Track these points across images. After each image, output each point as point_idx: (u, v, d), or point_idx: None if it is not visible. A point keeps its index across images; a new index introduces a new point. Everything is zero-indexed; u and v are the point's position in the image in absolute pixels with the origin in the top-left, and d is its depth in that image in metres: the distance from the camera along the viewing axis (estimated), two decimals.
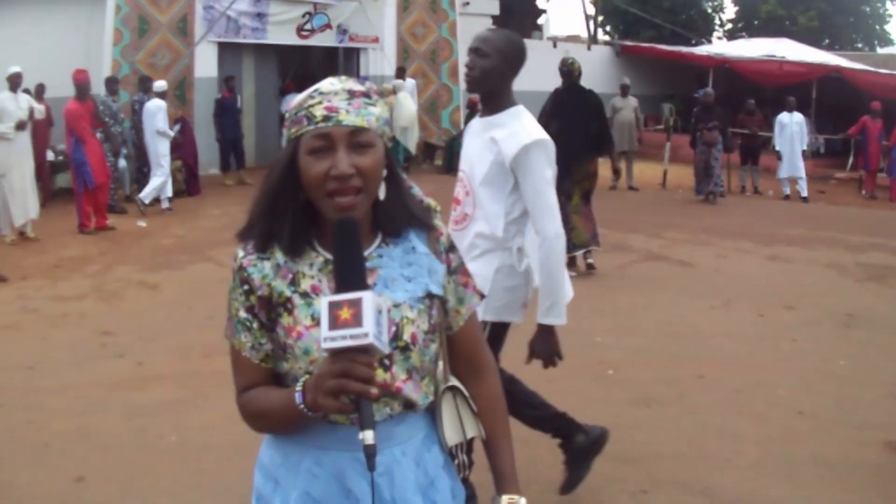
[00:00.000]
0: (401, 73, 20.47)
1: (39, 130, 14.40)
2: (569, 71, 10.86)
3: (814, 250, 12.58)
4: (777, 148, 19.12)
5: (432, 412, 2.31)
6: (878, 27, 40.91)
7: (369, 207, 2.14)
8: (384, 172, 2.13)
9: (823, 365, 7.38)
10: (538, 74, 19.86)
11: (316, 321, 2.06)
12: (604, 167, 20.90)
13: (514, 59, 4.21)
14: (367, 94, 2.11)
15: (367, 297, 1.83)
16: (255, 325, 2.17)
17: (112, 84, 15.53)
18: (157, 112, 14.81)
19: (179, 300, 9.41)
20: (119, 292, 9.82)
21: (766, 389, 6.74)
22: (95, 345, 7.87)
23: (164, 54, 18.14)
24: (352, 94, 2.08)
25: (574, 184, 10.26)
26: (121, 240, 12.79)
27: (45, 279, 10.40)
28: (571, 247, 9.87)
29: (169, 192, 15.26)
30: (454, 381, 2.34)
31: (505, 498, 2.28)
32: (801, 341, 8.03)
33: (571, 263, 10.28)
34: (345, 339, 1.81)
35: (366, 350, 1.84)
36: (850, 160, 23.42)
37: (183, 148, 16.25)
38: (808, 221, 15.53)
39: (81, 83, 13.17)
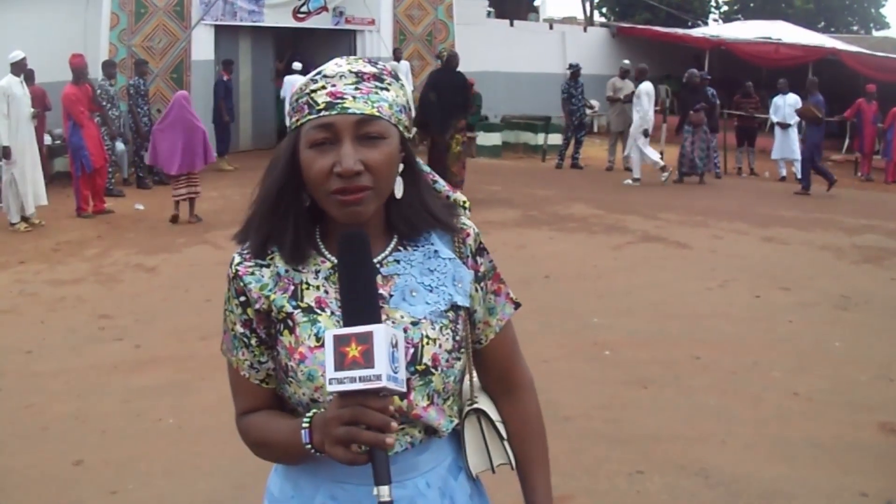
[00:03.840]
0: (397, 54, 20.49)
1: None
2: (447, 57, 14.75)
3: (810, 232, 12.58)
4: (775, 120, 19.07)
5: (458, 434, 2.07)
6: (873, 10, 40.93)
7: (382, 205, 1.88)
8: (400, 167, 1.87)
9: (818, 346, 7.40)
10: (534, 56, 20.01)
11: (321, 342, 1.78)
12: (600, 149, 21.04)
13: None
14: (378, 77, 1.83)
15: (378, 330, 1.58)
16: (253, 340, 1.92)
17: (110, 68, 15.49)
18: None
19: (177, 283, 9.42)
20: (117, 275, 9.83)
21: (762, 371, 6.77)
22: (93, 328, 7.88)
23: (161, 38, 18.07)
24: (360, 77, 1.80)
25: (451, 138, 13.57)
26: (118, 223, 12.78)
27: (43, 263, 10.40)
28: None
29: None
30: (480, 402, 2.07)
31: None
32: (796, 323, 8.05)
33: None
34: (354, 381, 1.57)
35: (379, 392, 1.60)
36: (846, 142, 23.44)
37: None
38: (803, 203, 15.54)
39: (78, 67, 13.16)
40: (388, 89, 1.82)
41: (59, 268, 10.18)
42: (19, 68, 12.27)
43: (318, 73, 1.83)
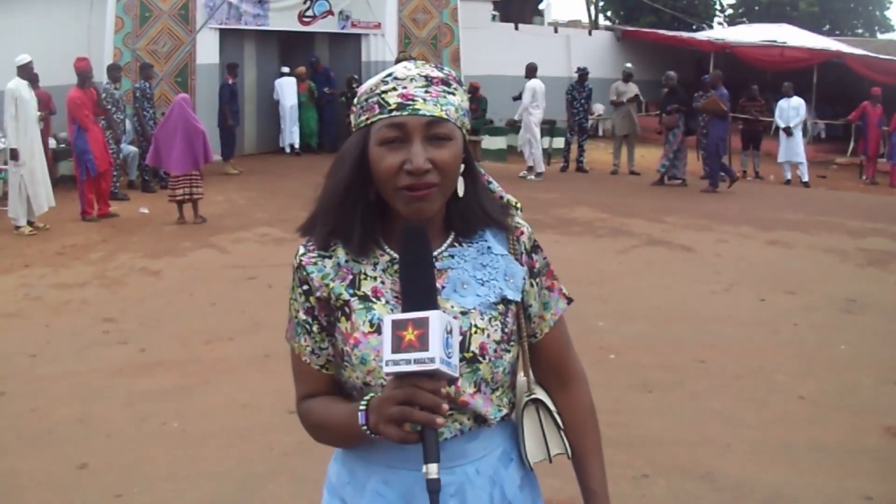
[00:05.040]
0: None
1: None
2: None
3: (814, 235, 12.57)
4: (781, 126, 19.09)
5: (513, 426, 2.14)
6: (878, 13, 40.80)
7: (443, 204, 1.96)
8: (462, 167, 1.95)
9: (823, 350, 7.39)
10: (539, 60, 19.96)
11: (375, 327, 1.92)
12: (604, 153, 21.03)
13: None
14: (446, 82, 1.92)
15: (434, 316, 1.66)
16: (314, 327, 2.02)
17: (114, 71, 15.51)
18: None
19: (181, 287, 9.42)
20: (121, 279, 9.83)
21: (767, 374, 6.76)
22: (98, 332, 7.88)
23: (166, 41, 18.11)
24: (429, 81, 1.90)
25: None
26: (123, 227, 12.79)
27: (48, 266, 10.41)
28: None
29: None
30: (538, 393, 2.14)
31: None
32: (801, 326, 8.04)
33: None
34: (409, 363, 1.65)
35: (432, 375, 1.68)
36: (851, 145, 23.41)
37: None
38: (808, 206, 15.51)
39: (83, 71, 13.18)
40: (454, 94, 1.92)
41: (63, 271, 10.19)
42: (26, 72, 12.30)
43: (389, 74, 1.91)
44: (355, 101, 1.97)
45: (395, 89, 1.87)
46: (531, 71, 18.53)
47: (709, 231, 12.79)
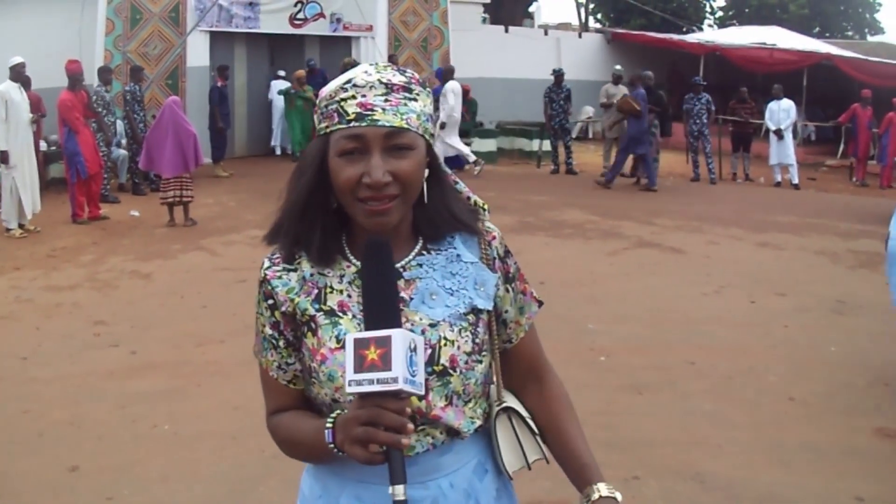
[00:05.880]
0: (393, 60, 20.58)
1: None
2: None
3: (805, 237, 12.60)
4: (771, 129, 19.14)
5: (486, 436, 2.09)
6: (868, 15, 40.97)
7: (407, 213, 1.92)
8: (426, 173, 1.91)
9: (814, 351, 7.41)
10: (529, 62, 20.03)
11: (341, 343, 1.85)
12: (595, 155, 21.06)
13: None
14: (407, 88, 1.86)
15: (396, 335, 1.63)
16: (280, 342, 1.98)
17: (105, 74, 15.46)
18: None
19: (172, 289, 9.41)
20: (112, 282, 9.81)
21: (758, 375, 6.78)
22: (89, 334, 7.87)
23: (157, 44, 18.08)
24: (390, 88, 1.83)
25: None
26: (114, 229, 12.76)
27: (38, 269, 10.38)
28: None
29: None
30: (508, 401, 2.10)
31: (603, 486, 2.05)
32: (792, 328, 8.06)
33: None
34: (372, 383, 1.62)
35: (396, 394, 1.65)
36: (841, 148, 23.45)
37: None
38: (799, 208, 15.54)
39: (74, 73, 13.16)
40: (416, 99, 1.86)
41: (54, 274, 10.17)
42: (16, 73, 12.27)
43: (349, 81, 1.85)
44: (318, 103, 1.93)
45: (353, 97, 1.83)
46: (450, 73, 18.80)
47: (699, 233, 12.81)
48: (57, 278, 9.97)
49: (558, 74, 19.52)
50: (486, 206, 2.12)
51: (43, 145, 15.58)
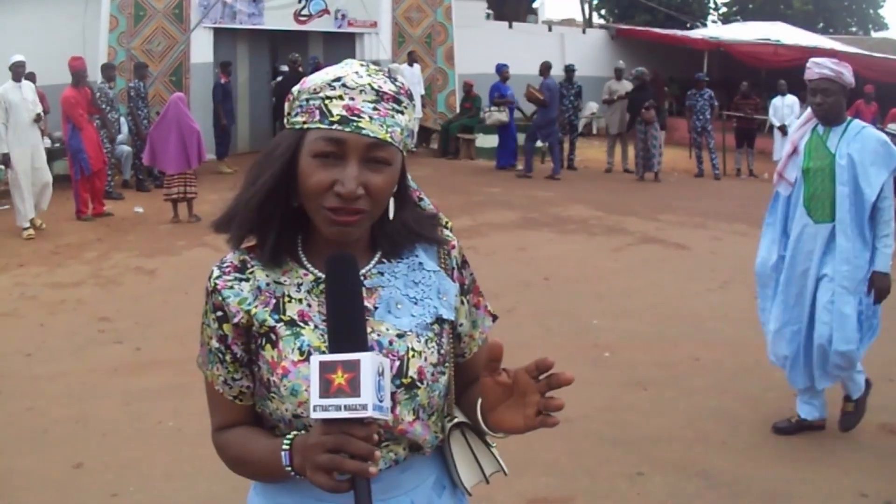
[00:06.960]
0: (412, 58, 20.75)
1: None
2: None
3: None
4: (775, 125, 19.13)
5: (443, 452, 2.01)
6: (872, 11, 40.85)
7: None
8: (394, 188, 1.81)
9: None
10: (533, 58, 19.97)
11: (305, 355, 1.76)
12: (599, 151, 21.03)
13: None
14: (396, 99, 1.75)
15: (366, 359, 1.54)
16: (227, 357, 1.88)
17: (109, 71, 15.48)
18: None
19: (177, 286, 9.41)
20: (116, 278, 9.83)
21: (762, 371, 6.75)
22: (93, 331, 7.88)
23: (160, 40, 18.10)
24: (380, 96, 1.72)
25: None
26: (118, 226, 12.79)
27: (43, 266, 10.40)
28: None
29: None
30: (459, 416, 2.00)
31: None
32: None
33: None
34: (339, 409, 1.53)
35: (363, 420, 1.55)
36: None
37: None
38: None
39: (77, 70, 13.15)
40: (402, 112, 1.76)
41: (58, 271, 10.18)
42: (17, 73, 12.23)
43: (338, 79, 1.74)
44: (294, 93, 1.80)
45: (340, 98, 1.71)
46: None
47: (703, 229, 12.81)
48: (61, 275, 9.98)
49: (570, 70, 19.53)
50: (449, 224, 2.04)
51: (47, 142, 15.57)
